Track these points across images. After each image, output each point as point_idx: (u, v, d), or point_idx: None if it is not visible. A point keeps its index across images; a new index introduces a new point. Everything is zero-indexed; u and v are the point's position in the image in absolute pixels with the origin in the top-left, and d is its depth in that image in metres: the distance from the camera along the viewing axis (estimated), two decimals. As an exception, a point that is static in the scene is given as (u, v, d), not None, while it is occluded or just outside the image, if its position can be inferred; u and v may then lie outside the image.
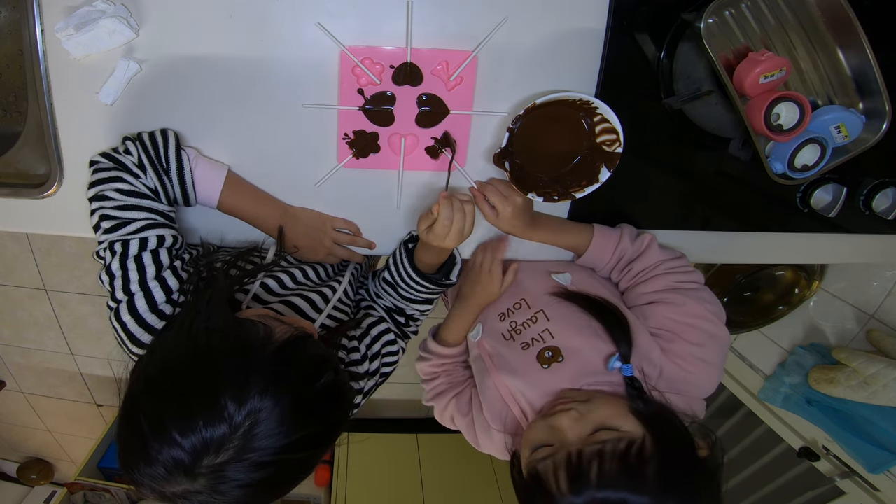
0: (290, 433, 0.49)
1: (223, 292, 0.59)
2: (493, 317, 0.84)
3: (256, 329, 0.52)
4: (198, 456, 0.46)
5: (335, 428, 0.55)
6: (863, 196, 0.91)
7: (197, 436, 0.46)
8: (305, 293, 0.74)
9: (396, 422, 2.44)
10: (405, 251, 0.80)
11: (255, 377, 0.48)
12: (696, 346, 0.70)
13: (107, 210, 0.64)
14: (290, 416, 0.49)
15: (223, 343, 0.51)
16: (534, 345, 0.76)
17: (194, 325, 0.53)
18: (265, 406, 0.47)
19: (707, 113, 0.81)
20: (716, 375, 0.72)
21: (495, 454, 0.79)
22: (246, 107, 0.74)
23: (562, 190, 0.78)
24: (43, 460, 2.73)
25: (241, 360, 0.49)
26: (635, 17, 0.74)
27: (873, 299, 1.34)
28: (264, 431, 0.47)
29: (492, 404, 0.77)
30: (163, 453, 0.46)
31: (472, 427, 0.82)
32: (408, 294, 0.81)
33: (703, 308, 0.72)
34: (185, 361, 0.50)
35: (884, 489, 1.27)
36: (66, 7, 0.67)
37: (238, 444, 0.46)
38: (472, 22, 0.71)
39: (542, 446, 0.61)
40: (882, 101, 0.74)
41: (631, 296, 0.79)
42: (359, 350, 0.75)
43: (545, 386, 0.71)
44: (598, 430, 0.59)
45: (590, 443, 0.57)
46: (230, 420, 0.46)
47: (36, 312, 2.18)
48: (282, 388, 0.48)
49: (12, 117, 0.88)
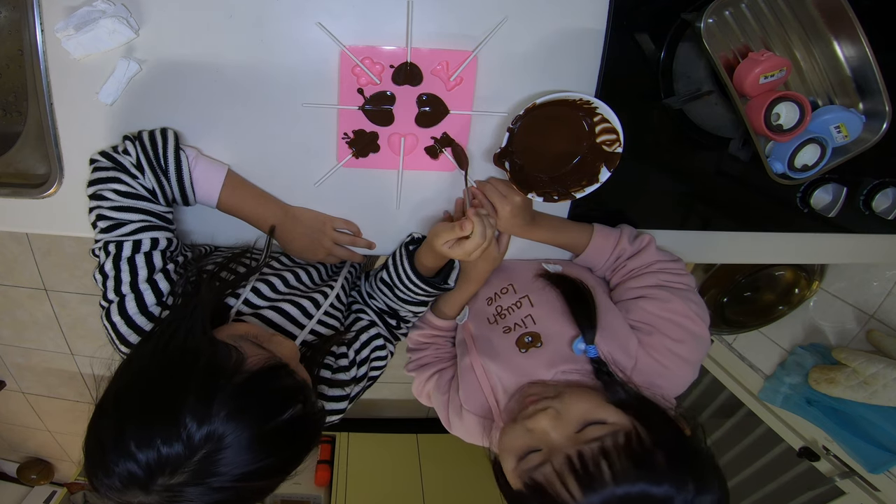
0: (251, 462, 0.48)
1: (205, 307, 0.58)
2: (481, 300, 0.85)
3: (229, 354, 0.51)
4: (152, 473, 0.46)
5: (298, 458, 0.55)
6: (863, 196, 0.91)
7: (153, 451, 0.46)
8: (296, 299, 0.74)
9: (396, 422, 2.44)
10: (406, 253, 0.80)
11: (219, 402, 0.47)
12: (675, 342, 0.70)
13: (103, 210, 0.64)
14: (253, 446, 0.48)
15: (194, 364, 0.50)
16: (515, 329, 0.77)
17: (171, 341, 0.53)
18: (228, 432, 0.47)
19: (707, 113, 0.81)
20: (690, 373, 0.71)
21: (464, 437, 0.80)
22: (246, 106, 0.74)
23: (562, 190, 0.78)
24: (43, 460, 2.73)
25: (209, 383, 0.49)
26: (635, 17, 0.74)
27: (873, 299, 1.34)
28: (225, 458, 0.47)
29: (468, 386, 0.77)
30: (119, 465, 0.46)
31: (447, 406, 0.82)
32: (404, 296, 0.80)
33: (688, 307, 0.72)
34: (154, 377, 0.51)
35: (884, 489, 1.27)
36: (66, 7, 0.67)
37: (195, 468, 0.46)
38: (472, 22, 0.71)
39: (529, 453, 0.59)
40: (882, 101, 0.74)
41: (620, 290, 0.80)
42: (347, 356, 0.75)
43: (520, 370, 0.72)
44: (585, 425, 0.57)
45: (581, 441, 0.55)
46: (188, 440, 0.46)
47: (36, 312, 2.18)
48: (245, 418, 0.48)
49: (12, 117, 0.88)
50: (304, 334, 0.72)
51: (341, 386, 0.72)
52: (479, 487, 2.18)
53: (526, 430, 0.60)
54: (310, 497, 2.16)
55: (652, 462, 0.52)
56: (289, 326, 0.71)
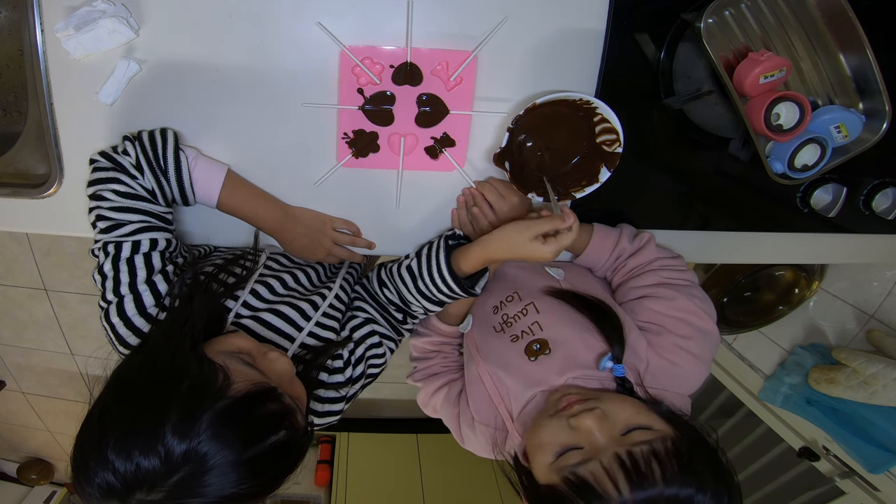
0: (231, 486, 0.48)
1: (198, 321, 0.58)
2: (487, 309, 0.84)
3: (216, 376, 0.51)
4: (129, 487, 0.46)
5: (278, 482, 0.55)
6: (863, 196, 0.91)
7: (131, 464, 0.46)
8: (295, 301, 0.73)
9: (396, 422, 2.44)
10: (444, 246, 0.76)
11: (201, 423, 0.47)
12: (684, 339, 0.70)
13: (103, 211, 0.64)
14: (233, 470, 0.48)
15: (179, 384, 0.50)
16: (523, 337, 0.76)
17: (160, 357, 0.53)
18: (209, 454, 0.47)
19: (707, 113, 0.81)
20: (703, 370, 0.71)
21: (477, 451, 0.79)
22: (246, 106, 0.74)
23: (562, 190, 0.78)
24: (43, 460, 2.73)
25: (193, 403, 0.48)
26: (635, 17, 0.74)
27: (873, 299, 1.34)
28: (204, 480, 0.47)
29: (477, 397, 0.77)
30: (98, 475, 0.47)
31: (458, 420, 0.81)
32: (426, 290, 0.76)
33: (693, 304, 0.72)
34: (140, 392, 0.51)
35: (884, 489, 1.27)
36: (66, 7, 0.67)
37: (173, 488, 0.46)
38: (472, 22, 0.71)
39: (568, 450, 0.59)
40: (882, 101, 0.74)
41: (622, 290, 0.79)
42: (342, 356, 0.74)
43: (531, 378, 0.71)
44: (630, 430, 0.58)
45: (627, 443, 0.56)
46: (167, 456, 0.46)
47: (36, 312, 2.18)
48: (226, 441, 0.48)
49: (12, 117, 0.88)
50: (301, 337, 0.72)
51: (336, 388, 0.72)
52: (479, 487, 2.18)
53: (568, 427, 0.60)
54: (310, 497, 2.16)
55: (696, 469, 0.53)
56: (287, 329, 0.71)
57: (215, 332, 0.65)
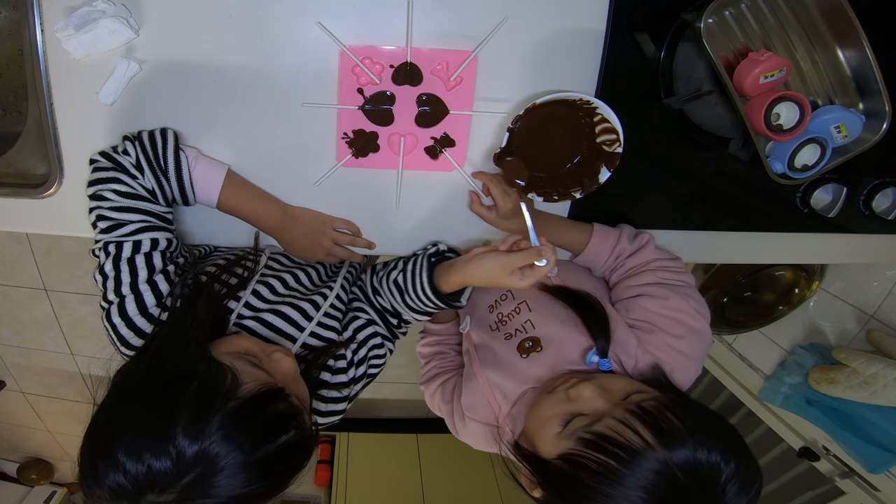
0: (241, 486, 0.48)
1: (202, 323, 0.58)
2: (483, 308, 0.85)
3: (224, 377, 0.51)
4: (140, 488, 0.46)
5: (286, 482, 0.55)
6: (863, 196, 0.91)
7: (142, 465, 0.46)
8: (296, 301, 0.73)
9: (396, 422, 2.44)
10: (427, 265, 0.77)
11: (211, 424, 0.47)
12: (675, 338, 0.70)
13: (103, 211, 0.64)
14: (243, 471, 0.48)
15: (188, 385, 0.50)
16: (516, 335, 0.77)
17: (167, 359, 0.53)
18: (219, 455, 0.47)
19: (707, 113, 0.81)
20: (693, 369, 0.71)
21: (472, 444, 0.80)
22: (245, 106, 0.74)
23: (562, 190, 0.78)
24: (43, 460, 2.73)
25: (203, 405, 0.48)
26: (635, 17, 0.74)
27: (873, 299, 1.34)
28: (215, 481, 0.47)
29: (471, 393, 0.78)
30: (109, 477, 0.46)
31: (452, 415, 0.83)
32: (413, 304, 0.79)
33: (687, 303, 0.72)
34: (149, 394, 0.51)
35: (884, 489, 1.27)
36: (66, 7, 0.67)
37: (184, 489, 0.46)
38: (472, 22, 0.71)
39: (574, 416, 0.59)
40: (882, 101, 0.74)
41: (618, 289, 0.79)
42: (345, 357, 0.75)
43: (522, 375, 0.72)
44: (630, 395, 0.58)
45: (632, 403, 0.55)
46: (179, 457, 0.46)
47: (36, 312, 2.18)
48: (237, 442, 0.48)
49: (12, 117, 0.88)
50: (303, 336, 0.72)
51: (339, 388, 0.72)
52: (479, 487, 2.18)
53: (566, 399, 0.61)
54: (310, 497, 2.16)
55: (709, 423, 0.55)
56: (289, 329, 0.71)
57: (218, 333, 0.65)
